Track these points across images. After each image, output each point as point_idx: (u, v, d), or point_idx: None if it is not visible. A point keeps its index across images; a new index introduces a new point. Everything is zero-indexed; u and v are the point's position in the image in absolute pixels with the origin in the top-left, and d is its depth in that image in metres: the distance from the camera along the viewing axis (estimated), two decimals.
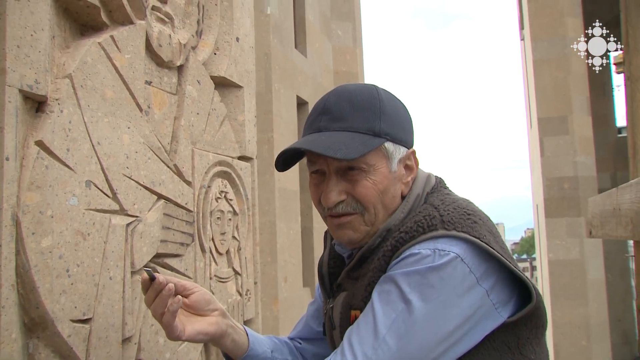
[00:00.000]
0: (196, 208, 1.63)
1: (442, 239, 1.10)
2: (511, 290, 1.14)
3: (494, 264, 1.11)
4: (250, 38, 2.02)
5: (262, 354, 1.35)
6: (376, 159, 1.18)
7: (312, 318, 1.49)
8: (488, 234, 1.14)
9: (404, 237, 1.15)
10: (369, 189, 1.17)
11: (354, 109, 1.18)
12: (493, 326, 1.12)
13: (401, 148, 1.21)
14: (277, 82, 5.20)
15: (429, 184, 1.26)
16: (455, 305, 1.07)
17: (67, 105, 1.21)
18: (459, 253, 1.08)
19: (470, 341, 1.10)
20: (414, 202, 1.22)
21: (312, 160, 1.22)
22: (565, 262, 8.81)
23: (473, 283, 1.08)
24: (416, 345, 1.05)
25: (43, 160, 1.15)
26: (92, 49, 1.29)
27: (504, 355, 1.13)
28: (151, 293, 1.17)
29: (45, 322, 1.14)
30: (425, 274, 1.07)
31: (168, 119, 1.55)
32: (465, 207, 1.18)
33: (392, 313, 1.07)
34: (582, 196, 8.71)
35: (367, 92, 1.21)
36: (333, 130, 1.17)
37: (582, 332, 8.53)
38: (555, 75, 9.30)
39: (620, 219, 1.84)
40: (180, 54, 1.59)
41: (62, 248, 1.17)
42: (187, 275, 1.57)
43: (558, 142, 9.21)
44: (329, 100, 1.21)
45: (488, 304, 1.10)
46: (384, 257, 1.16)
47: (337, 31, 7.54)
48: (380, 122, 1.18)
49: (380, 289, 1.11)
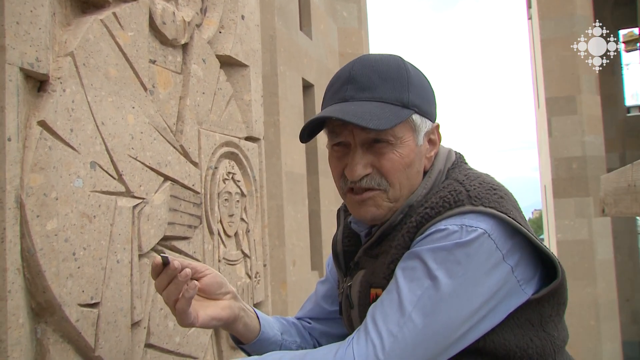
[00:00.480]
0: (203, 190, 1.60)
1: (469, 214, 1.08)
2: (535, 267, 1.12)
3: (519, 240, 1.09)
4: (256, 16, 1.97)
5: (273, 337, 1.32)
6: (404, 131, 1.14)
7: (323, 298, 1.45)
8: (514, 210, 1.11)
9: (429, 213, 1.11)
10: (395, 162, 1.14)
11: (381, 79, 1.14)
12: (517, 303, 1.09)
13: (427, 121, 1.18)
14: (283, 65, 5.14)
15: (450, 160, 1.23)
16: (481, 282, 1.04)
17: (70, 84, 1.18)
18: (487, 229, 1.06)
19: (495, 318, 1.07)
20: (436, 178, 1.19)
21: (335, 132, 1.17)
22: (573, 242, 8.77)
23: (499, 260, 1.06)
24: (442, 323, 1.03)
25: (46, 141, 1.12)
26: (94, 26, 1.25)
27: (527, 332, 1.11)
28: (164, 278, 1.11)
29: (52, 306, 1.12)
30: (452, 250, 1.04)
31: (173, 98, 1.52)
32: (490, 182, 1.15)
33: (417, 290, 1.04)
34: (591, 176, 8.65)
35: (393, 62, 1.17)
36: (360, 100, 1.13)
37: (590, 312, 8.51)
38: (563, 54, 9.18)
39: (636, 195, 1.80)
40: (184, 32, 1.55)
41: (67, 231, 1.14)
42: (196, 258, 1.55)
43: (566, 122, 9.12)
44: (354, 69, 1.16)
45: (513, 281, 1.08)
46: (408, 234, 1.13)
47: (342, 12, 7.44)
48: (408, 93, 1.14)
49: (405, 265, 1.08)
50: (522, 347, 1.10)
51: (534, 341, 1.11)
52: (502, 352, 1.09)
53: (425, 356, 1.03)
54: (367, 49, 7.83)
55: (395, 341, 1.01)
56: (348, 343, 1.05)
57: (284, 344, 1.34)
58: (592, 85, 9.20)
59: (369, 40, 7.98)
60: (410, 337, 1.02)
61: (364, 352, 1.02)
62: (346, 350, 1.03)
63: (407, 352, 1.01)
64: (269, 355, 1.10)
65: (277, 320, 1.40)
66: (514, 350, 1.09)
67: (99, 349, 1.20)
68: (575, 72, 9.10)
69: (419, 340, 1.02)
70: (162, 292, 1.13)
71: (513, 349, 1.09)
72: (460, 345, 1.05)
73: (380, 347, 1.01)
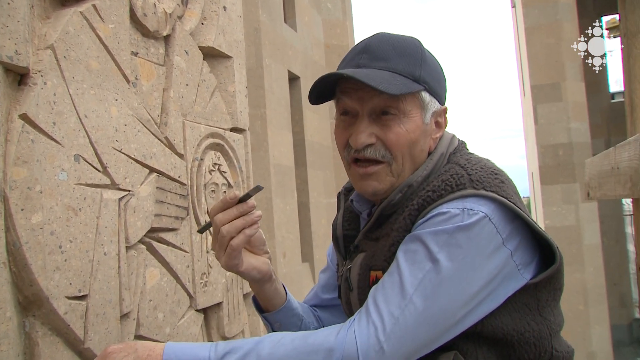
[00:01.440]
0: (190, 181, 1.60)
1: (470, 198, 1.08)
2: (533, 252, 1.13)
3: (518, 225, 1.10)
4: (238, 7, 1.97)
5: (296, 309, 1.34)
6: (412, 106, 1.16)
7: (322, 288, 1.46)
8: (514, 194, 1.13)
9: (431, 196, 1.12)
10: (400, 135, 1.15)
11: (396, 52, 1.16)
12: (515, 287, 1.10)
13: (436, 102, 1.20)
14: (268, 57, 5.13)
15: (453, 145, 1.24)
16: (481, 266, 1.05)
17: (51, 77, 1.17)
18: (487, 212, 1.07)
19: (493, 302, 1.08)
20: (438, 161, 1.20)
21: (346, 94, 1.17)
22: (561, 228, 8.86)
23: (499, 244, 1.07)
24: (442, 306, 1.04)
25: (28, 134, 1.11)
26: (74, 19, 1.25)
27: (525, 316, 1.13)
28: (233, 212, 1.12)
29: (40, 299, 1.12)
30: (454, 234, 1.05)
31: (157, 90, 1.52)
32: (491, 167, 1.16)
33: (419, 272, 1.05)
34: (577, 162, 8.73)
35: (410, 40, 1.20)
36: (374, 68, 1.14)
37: (579, 297, 8.62)
38: (547, 42, 9.23)
39: (619, 177, 1.82)
40: (166, 23, 1.55)
41: (53, 224, 1.14)
42: (184, 249, 1.55)
43: (551, 109, 9.19)
44: (370, 41, 1.18)
45: (511, 265, 1.09)
46: (410, 217, 1.13)
47: (327, 4, 7.43)
48: (421, 69, 1.16)
49: (406, 248, 1.09)
50: (519, 330, 1.11)
51: (531, 325, 1.13)
52: (500, 336, 1.11)
53: (425, 338, 1.04)
54: (352, 40, 7.82)
55: (397, 323, 1.02)
56: (349, 324, 1.05)
57: (304, 323, 1.35)
58: (576, 72, 9.27)
59: (354, 32, 7.97)
60: (411, 319, 1.03)
61: (365, 334, 1.03)
62: (347, 332, 1.04)
63: (408, 334, 1.02)
64: (270, 335, 1.09)
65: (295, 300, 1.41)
66: (511, 334, 1.11)
67: (88, 341, 1.20)
68: (560, 59, 9.16)
69: (419, 323, 1.03)
70: (221, 226, 1.13)
71: (510, 333, 1.11)
72: (459, 328, 1.07)
73: (381, 329, 1.02)
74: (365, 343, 1.02)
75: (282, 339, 1.06)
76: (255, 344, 1.05)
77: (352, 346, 1.02)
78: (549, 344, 1.15)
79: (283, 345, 1.04)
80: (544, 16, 9.28)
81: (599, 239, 9.08)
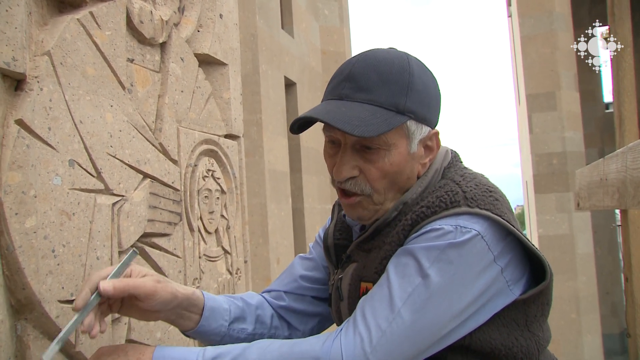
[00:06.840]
0: (183, 187, 1.61)
1: (464, 215, 1.09)
2: (523, 268, 1.14)
3: (510, 241, 1.11)
4: (234, 15, 1.99)
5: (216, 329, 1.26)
6: (396, 138, 1.13)
7: (304, 278, 1.41)
8: (507, 212, 1.13)
9: (425, 212, 1.12)
10: (383, 170, 1.14)
11: (381, 80, 1.12)
12: (504, 303, 1.11)
13: (424, 127, 1.16)
14: (265, 63, 5.15)
15: (447, 159, 1.23)
16: (471, 282, 1.06)
17: (47, 83, 1.19)
18: (480, 231, 1.07)
19: (481, 317, 1.10)
20: (432, 177, 1.20)
21: (329, 128, 1.16)
22: (554, 237, 8.90)
23: (490, 261, 1.08)
24: (430, 320, 1.04)
25: (24, 140, 1.13)
26: (71, 26, 1.26)
27: (513, 331, 1.14)
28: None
29: (32, 303, 1.13)
30: (445, 250, 1.06)
31: (152, 97, 1.53)
32: (485, 183, 1.16)
33: (408, 287, 1.05)
34: (571, 171, 8.78)
35: (397, 63, 1.14)
36: (355, 101, 1.11)
37: (571, 306, 8.64)
38: (543, 51, 9.30)
39: (607, 188, 1.85)
40: (162, 30, 1.57)
41: (46, 228, 1.16)
42: (176, 255, 1.57)
43: (546, 118, 9.25)
44: (355, 66, 1.14)
45: (502, 281, 1.10)
46: (403, 231, 1.14)
47: (324, 10, 7.47)
48: (406, 98, 1.12)
49: (397, 261, 1.09)
50: (507, 345, 1.12)
51: (519, 340, 1.14)
52: (488, 350, 1.12)
53: (411, 352, 1.04)
54: (349, 46, 7.86)
55: (383, 336, 1.03)
56: (336, 334, 1.06)
57: (231, 334, 1.28)
58: (571, 82, 9.34)
59: (350, 38, 8.01)
60: (398, 333, 1.03)
61: (351, 345, 1.03)
62: (333, 342, 1.05)
63: (394, 347, 1.03)
64: (258, 342, 1.10)
65: (231, 304, 1.32)
66: (499, 348, 1.12)
67: (80, 345, 1.21)
68: (555, 68, 9.23)
69: (406, 336, 1.04)
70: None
71: (498, 347, 1.12)
72: (446, 342, 1.08)
73: (367, 341, 1.03)
74: (350, 354, 1.03)
75: (269, 345, 1.08)
76: (243, 349, 1.07)
77: (337, 356, 1.03)
78: (537, 359, 1.16)
79: (270, 352, 1.06)
80: (540, 26, 9.35)
81: (591, 248, 9.13)
